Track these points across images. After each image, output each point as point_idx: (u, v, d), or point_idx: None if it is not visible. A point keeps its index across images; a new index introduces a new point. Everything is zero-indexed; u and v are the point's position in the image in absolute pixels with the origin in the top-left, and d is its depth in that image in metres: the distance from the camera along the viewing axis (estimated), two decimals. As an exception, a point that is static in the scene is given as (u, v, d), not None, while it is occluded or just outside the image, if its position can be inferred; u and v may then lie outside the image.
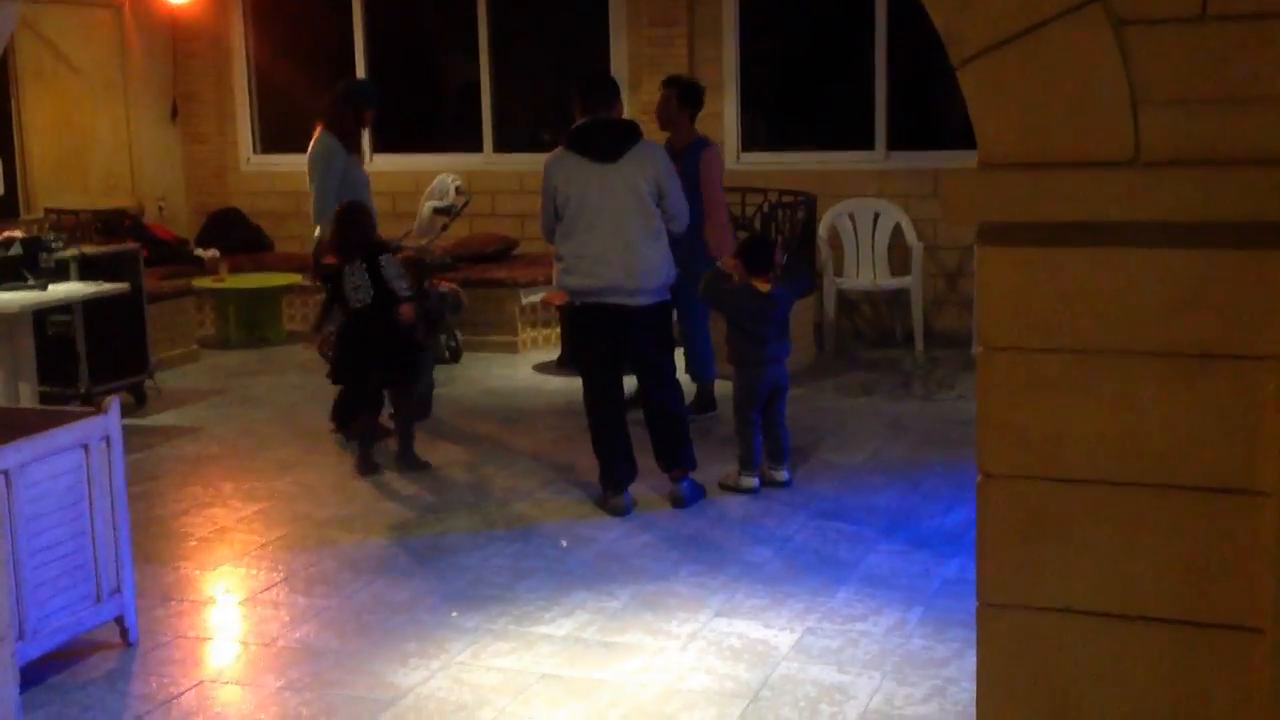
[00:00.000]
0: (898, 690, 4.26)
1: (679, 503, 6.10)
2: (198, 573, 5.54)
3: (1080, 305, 2.30)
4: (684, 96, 7.44)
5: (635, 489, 6.17)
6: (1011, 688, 2.43)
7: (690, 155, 7.28)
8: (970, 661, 3.28)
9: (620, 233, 5.91)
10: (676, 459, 6.16)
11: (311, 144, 7.29)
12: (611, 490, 6.10)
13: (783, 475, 6.39)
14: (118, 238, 9.66)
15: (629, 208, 5.93)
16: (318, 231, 7.25)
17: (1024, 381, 2.36)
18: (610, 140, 5.99)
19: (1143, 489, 2.31)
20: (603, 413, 6.12)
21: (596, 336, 6.07)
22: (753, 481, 6.31)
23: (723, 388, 7.58)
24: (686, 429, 6.22)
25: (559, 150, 6.10)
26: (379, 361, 6.74)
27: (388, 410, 7.01)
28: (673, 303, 6.26)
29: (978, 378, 2.41)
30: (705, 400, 7.67)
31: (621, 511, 6.04)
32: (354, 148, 7.39)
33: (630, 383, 6.34)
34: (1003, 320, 2.36)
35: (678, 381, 6.25)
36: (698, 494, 6.17)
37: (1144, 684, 2.34)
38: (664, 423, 6.14)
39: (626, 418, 6.20)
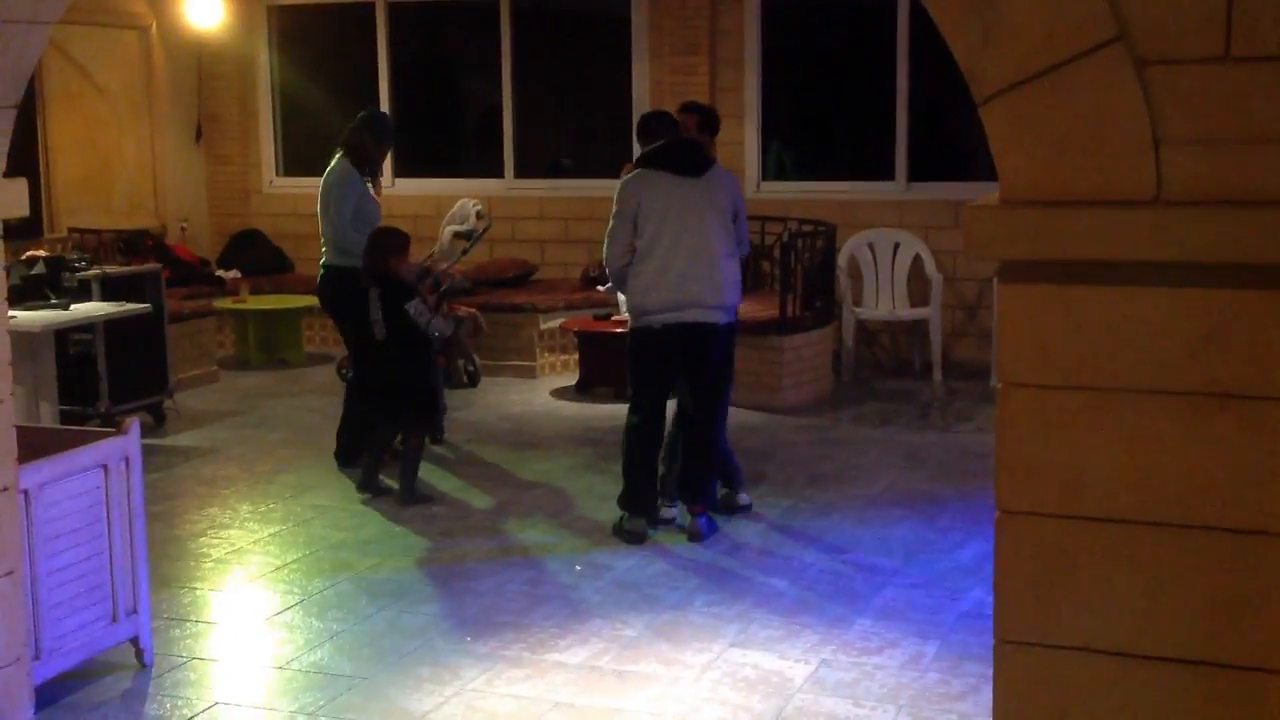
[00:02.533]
0: (912, 724, 4.24)
1: (696, 538, 6.06)
2: (213, 594, 5.55)
3: (1100, 343, 2.30)
4: (704, 123, 7.44)
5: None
6: (1028, 726, 2.42)
7: None
8: (986, 697, 3.26)
9: (706, 247, 5.90)
10: (701, 493, 6.12)
11: (328, 171, 7.29)
12: (633, 514, 6.08)
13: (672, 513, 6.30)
14: (140, 258, 9.72)
15: (713, 223, 5.93)
16: (323, 259, 7.29)
17: (1043, 419, 2.36)
18: (694, 156, 6.06)
19: (1161, 529, 2.30)
20: (646, 436, 6.09)
21: (666, 358, 6.00)
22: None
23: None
24: (718, 465, 6.20)
25: (636, 171, 6.09)
26: (394, 398, 6.76)
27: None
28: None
29: (997, 414, 2.41)
30: None
31: (641, 537, 6.02)
32: (372, 176, 7.36)
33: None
34: (1022, 357, 2.36)
35: (725, 412, 6.21)
36: (714, 530, 6.14)
37: (1161, 725, 2.33)
38: (704, 453, 6.11)
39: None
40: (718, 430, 6.17)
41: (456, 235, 9.54)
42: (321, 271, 7.33)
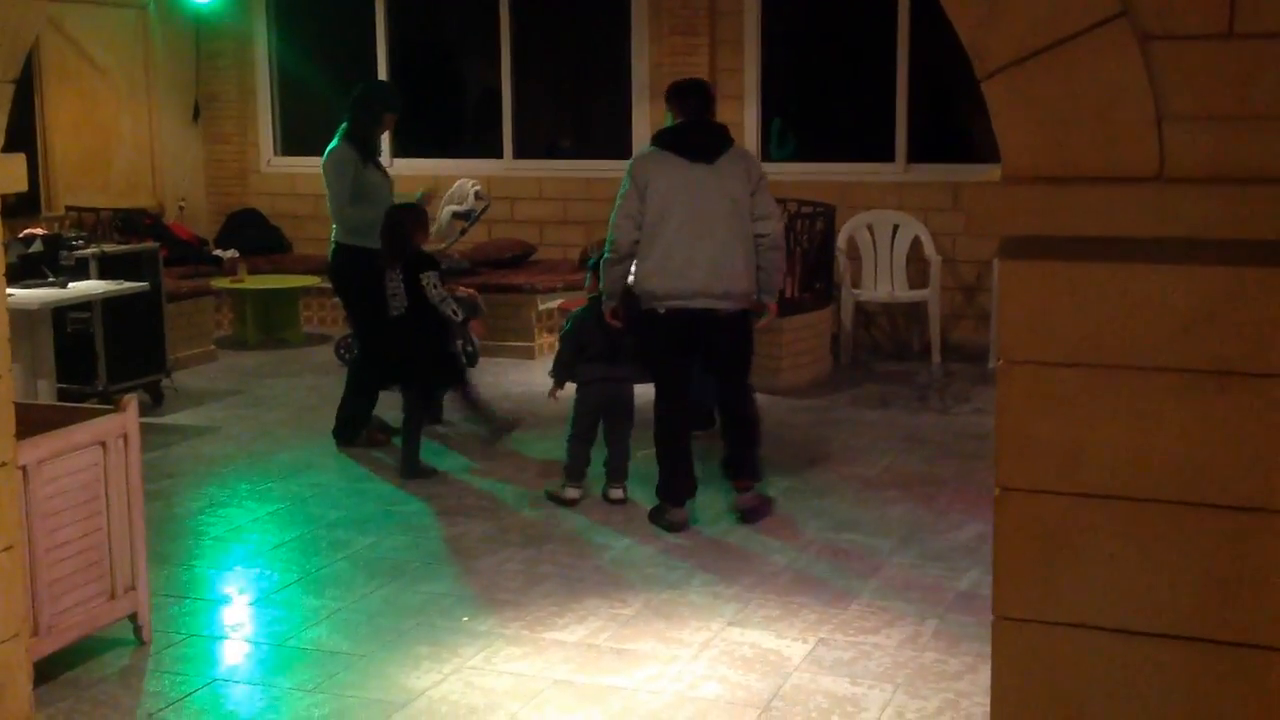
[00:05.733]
0: (910, 703, 4.25)
1: (743, 516, 5.99)
2: (212, 572, 5.56)
3: (1101, 320, 2.30)
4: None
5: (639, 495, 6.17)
6: (1025, 702, 2.43)
7: None
8: (983, 675, 3.27)
9: (711, 235, 5.78)
10: (742, 470, 6.07)
11: (328, 148, 7.29)
12: (673, 503, 5.97)
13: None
14: (138, 237, 9.70)
15: (721, 210, 5.80)
16: (333, 237, 7.30)
17: (1043, 396, 2.36)
18: (707, 141, 5.91)
19: (1161, 505, 2.31)
20: (674, 424, 6.02)
21: (678, 344, 5.94)
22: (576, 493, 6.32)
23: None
24: (759, 439, 6.13)
25: (648, 149, 6.01)
26: (409, 370, 6.78)
27: (392, 414, 7.05)
28: (756, 312, 6.08)
29: (997, 391, 2.41)
30: (705, 418, 7.57)
31: (681, 526, 5.92)
32: (369, 152, 7.33)
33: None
34: (1023, 334, 2.36)
35: (748, 395, 6.16)
36: (764, 507, 6.05)
37: (1160, 702, 2.33)
38: (741, 432, 6.07)
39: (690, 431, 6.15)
40: (748, 407, 6.11)
41: (455, 215, 9.54)
42: (332, 248, 7.34)
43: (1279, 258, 2.19)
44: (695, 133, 5.94)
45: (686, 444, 6.06)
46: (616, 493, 6.32)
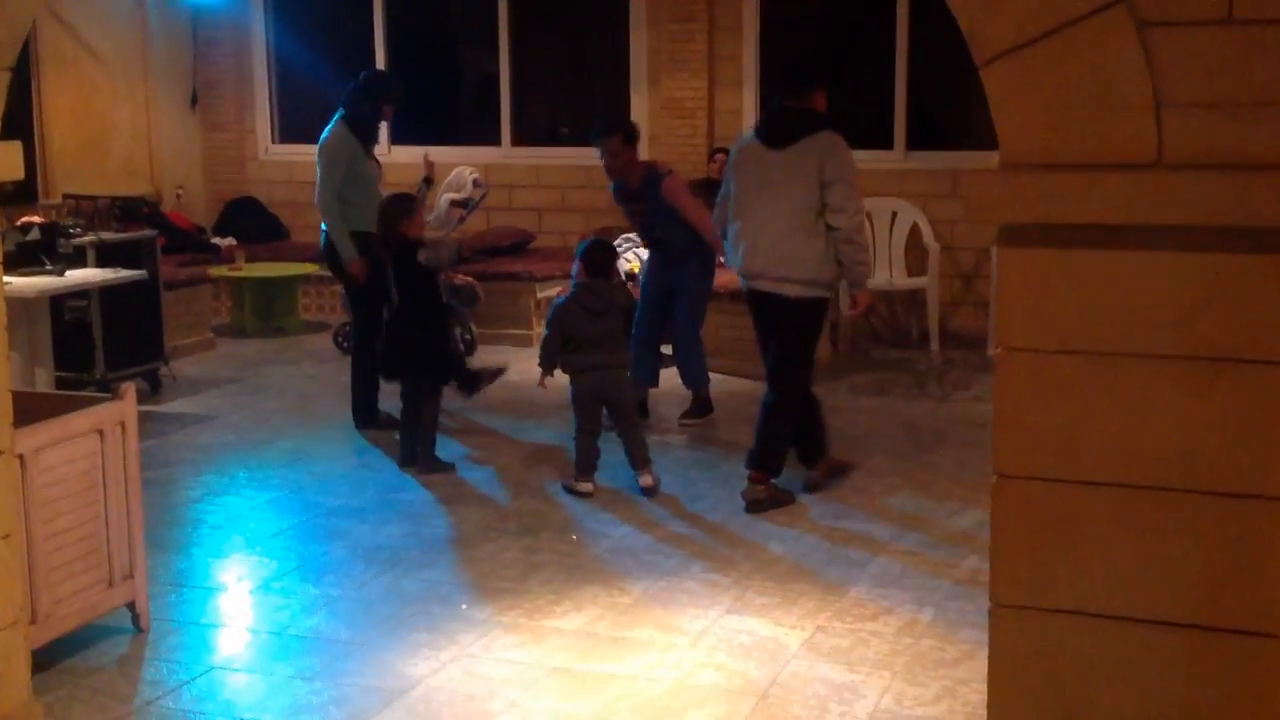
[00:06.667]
0: (907, 690, 4.25)
1: (748, 507, 5.98)
2: (210, 560, 5.56)
3: (1099, 307, 2.30)
4: (628, 137, 7.32)
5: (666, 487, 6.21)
6: (1023, 689, 2.43)
7: (651, 189, 7.22)
8: (981, 663, 3.28)
9: (773, 220, 5.88)
10: (755, 461, 6.04)
11: (325, 132, 7.32)
12: (805, 464, 6.30)
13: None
14: (135, 224, 9.67)
15: (786, 196, 5.85)
16: (324, 224, 7.33)
17: (1041, 383, 2.36)
18: (784, 127, 5.93)
19: (1158, 492, 2.31)
20: (765, 396, 6.18)
21: (756, 319, 6.20)
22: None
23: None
24: (778, 433, 6.06)
25: (745, 132, 6.27)
26: (403, 362, 6.78)
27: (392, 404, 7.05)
28: (827, 301, 6.14)
29: (995, 378, 2.40)
30: (703, 405, 7.61)
31: (816, 485, 6.25)
32: (367, 140, 7.38)
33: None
34: (1021, 321, 2.36)
35: (791, 384, 6.08)
36: (771, 501, 6.01)
37: (1157, 688, 2.33)
38: (764, 421, 6.06)
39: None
40: (776, 402, 6.06)
41: (453, 203, 9.51)
42: (324, 235, 7.36)
43: (1277, 245, 2.19)
44: (774, 118, 6.10)
45: (763, 417, 6.05)
46: (645, 480, 6.24)
